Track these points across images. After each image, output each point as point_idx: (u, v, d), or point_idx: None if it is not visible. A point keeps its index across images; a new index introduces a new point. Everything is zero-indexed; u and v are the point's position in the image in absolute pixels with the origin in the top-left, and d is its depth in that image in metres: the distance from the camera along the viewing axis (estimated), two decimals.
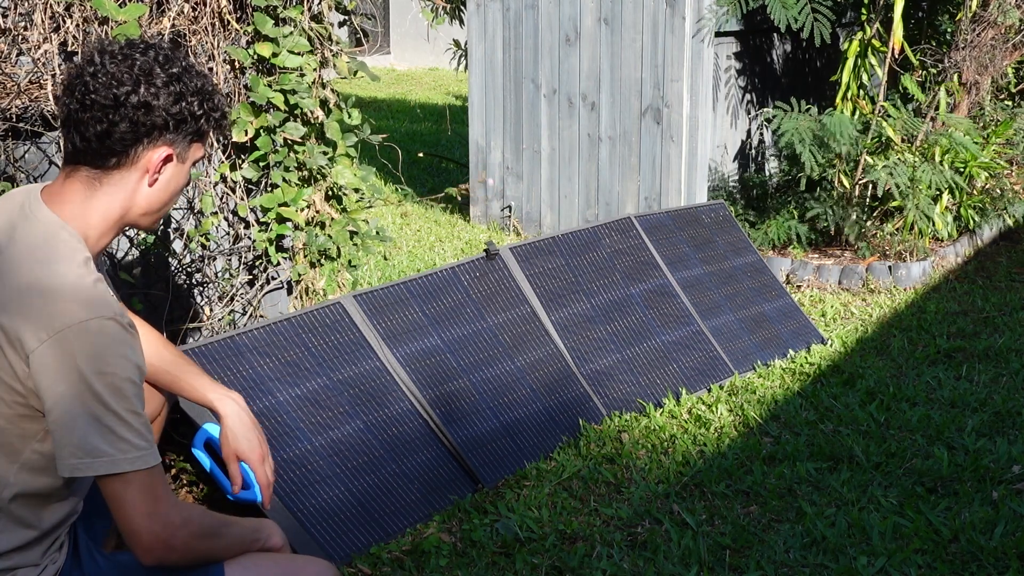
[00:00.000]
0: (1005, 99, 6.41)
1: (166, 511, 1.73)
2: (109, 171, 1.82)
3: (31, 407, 1.73)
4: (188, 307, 3.29)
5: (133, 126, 1.78)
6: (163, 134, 1.82)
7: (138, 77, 1.79)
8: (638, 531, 2.93)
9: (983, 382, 3.97)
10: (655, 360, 3.89)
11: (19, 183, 2.82)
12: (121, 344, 1.71)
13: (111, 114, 1.77)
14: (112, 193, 1.83)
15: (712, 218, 4.62)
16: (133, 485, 1.70)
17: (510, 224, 6.30)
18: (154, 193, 1.87)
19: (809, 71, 6.63)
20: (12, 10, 2.78)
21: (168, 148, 1.84)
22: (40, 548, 1.84)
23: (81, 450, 1.68)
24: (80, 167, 1.82)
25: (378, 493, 2.96)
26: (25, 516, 1.80)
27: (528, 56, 6.04)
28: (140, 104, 1.78)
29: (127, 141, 1.79)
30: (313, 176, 3.49)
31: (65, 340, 1.67)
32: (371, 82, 10.79)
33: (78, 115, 1.78)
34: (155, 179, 1.85)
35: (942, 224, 5.57)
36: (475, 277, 3.63)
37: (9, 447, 1.76)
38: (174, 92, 1.81)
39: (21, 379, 1.70)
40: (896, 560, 2.75)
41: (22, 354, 1.69)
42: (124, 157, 1.81)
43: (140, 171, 1.83)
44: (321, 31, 3.38)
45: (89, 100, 1.77)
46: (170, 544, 1.73)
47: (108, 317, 1.71)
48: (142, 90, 1.78)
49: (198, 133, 1.88)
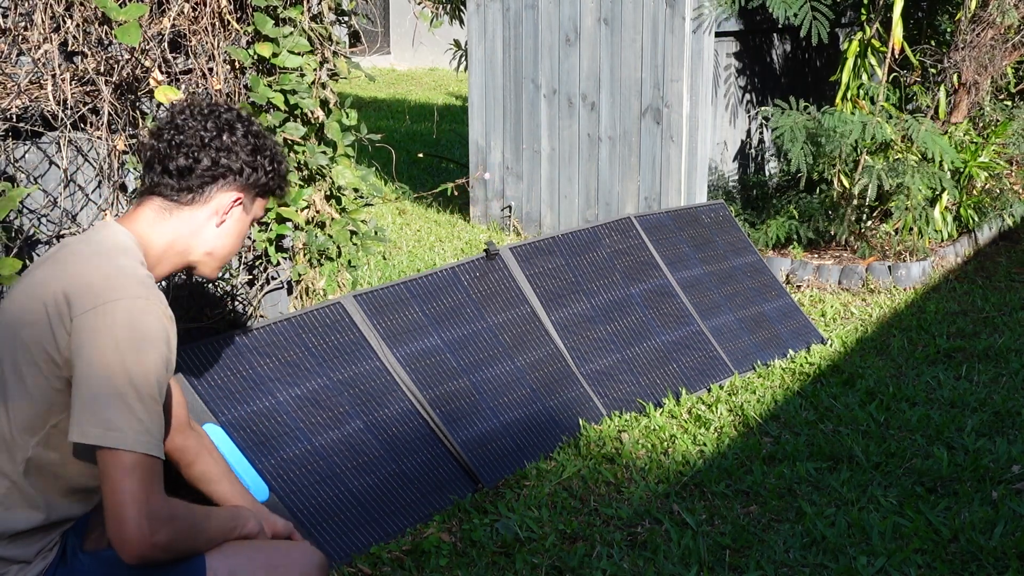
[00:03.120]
0: (1005, 99, 6.41)
1: (157, 505, 1.75)
2: (181, 206, 1.99)
3: (64, 379, 1.80)
4: (188, 307, 3.29)
5: (213, 165, 1.98)
6: (237, 179, 2.02)
7: (223, 127, 2.01)
8: (638, 531, 2.93)
9: (983, 382, 3.97)
10: (655, 360, 3.89)
11: (19, 183, 2.82)
12: (160, 331, 1.80)
13: (197, 152, 1.97)
14: (180, 225, 2.00)
15: (712, 218, 4.62)
16: (135, 471, 1.73)
17: (510, 224, 6.31)
18: (220, 235, 2.04)
19: (809, 71, 6.63)
20: (12, 10, 2.78)
21: (239, 193, 2.03)
22: (39, 543, 1.86)
23: (97, 418, 1.73)
24: (155, 198, 2.00)
25: (378, 493, 2.97)
26: (34, 496, 1.84)
27: (528, 56, 6.04)
28: (223, 147, 1.99)
29: (205, 179, 1.98)
30: (313, 176, 3.49)
31: (110, 310, 1.77)
32: (370, 82, 10.79)
33: (165, 152, 1.98)
34: (223, 220, 2.03)
35: (941, 224, 5.57)
36: (475, 277, 3.63)
37: (36, 420, 1.82)
38: (252, 144, 2.03)
39: (61, 349, 1.78)
40: (896, 560, 2.75)
41: (67, 321, 1.77)
42: (199, 194, 1.99)
43: (210, 211, 2.01)
44: (321, 31, 3.38)
45: (177, 140, 1.98)
46: (153, 540, 1.73)
47: (154, 301, 1.81)
48: (225, 136, 2.00)
49: (265, 188, 2.08)
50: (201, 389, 2.84)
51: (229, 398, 2.88)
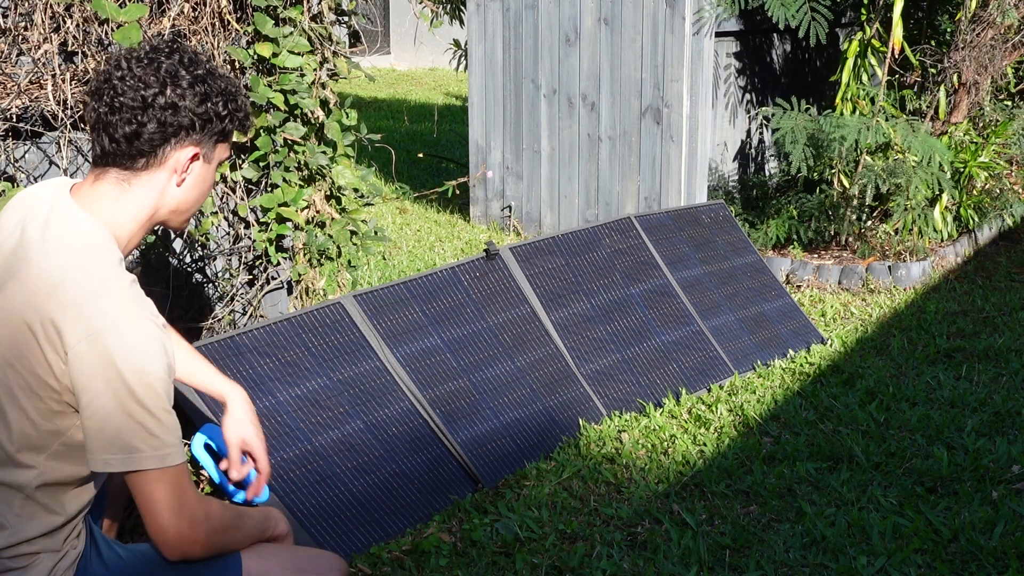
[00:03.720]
0: (1005, 99, 6.41)
1: (192, 507, 1.79)
2: (138, 172, 1.87)
3: (66, 403, 1.77)
4: (188, 307, 3.29)
5: (161, 127, 1.84)
6: (190, 134, 1.87)
7: (164, 79, 1.84)
8: (638, 531, 2.93)
9: (983, 382, 3.97)
10: (655, 360, 3.89)
11: (19, 183, 2.82)
12: (156, 343, 1.76)
13: (140, 115, 1.82)
14: (142, 194, 1.88)
15: (712, 218, 4.62)
16: (162, 482, 1.75)
17: (510, 224, 6.31)
18: (183, 192, 1.93)
19: (809, 71, 6.63)
20: (12, 10, 2.79)
21: (195, 148, 1.89)
22: (62, 534, 1.87)
23: (115, 446, 1.73)
24: (109, 169, 1.87)
25: (378, 493, 2.97)
26: (50, 503, 1.84)
27: (528, 56, 6.04)
28: (167, 105, 1.83)
29: (155, 142, 1.84)
30: (313, 176, 3.49)
31: (103, 339, 1.72)
32: (370, 82, 10.76)
33: (107, 118, 1.83)
34: (183, 179, 1.91)
35: (941, 224, 5.57)
36: (475, 277, 3.63)
37: (40, 440, 1.80)
38: (199, 93, 1.86)
39: (58, 376, 1.75)
40: (896, 560, 2.75)
41: (60, 352, 1.73)
42: (152, 157, 1.86)
43: (168, 171, 1.89)
44: (321, 31, 3.38)
45: (118, 103, 1.82)
46: (194, 538, 1.79)
47: (144, 317, 1.76)
48: (169, 91, 1.84)
49: (223, 133, 1.93)
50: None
51: None
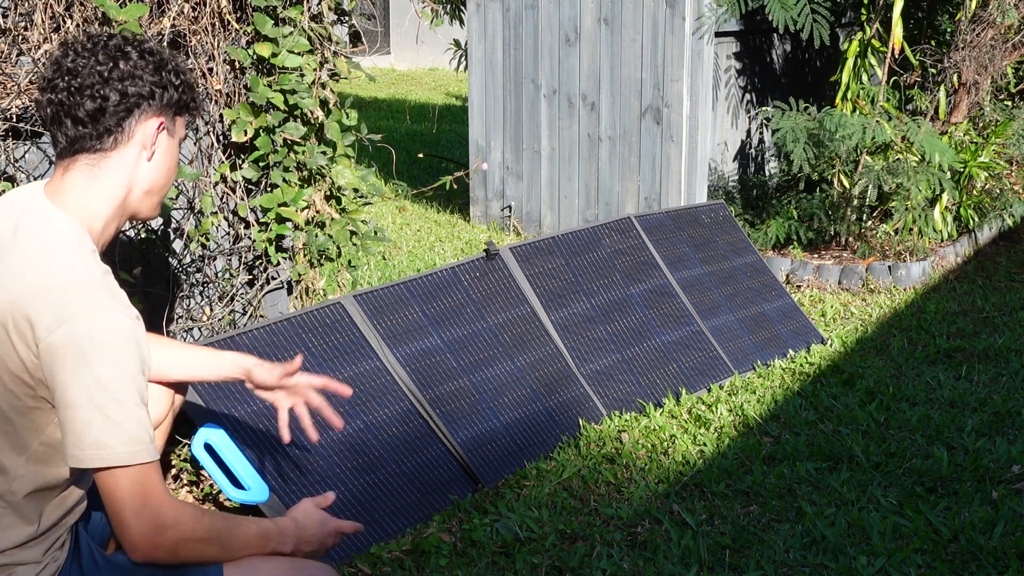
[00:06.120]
0: (1005, 99, 6.41)
1: (156, 509, 1.73)
2: (107, 153, 1.86)
3: (41, 398, 1.75)
4: (188, 307, 3.29)
5: (123, 97, 1.83)
6: (151, 103, 1.87)
7: (115, 55, 1.85)
8: (638, 531, 2.93)
9: (983, 382, 3.97)
10: (655, 360, 3.89)
11: (19, 183, 2.82)
12: (129, 336, 1.74)
13: (101, 89, 1.82)
14: (113, 176, 1.87)
15: (712, 218, 4.62)
16: (128, 479, 1.72)
17: (510, 224, 6.31)
18: (154, 169, 1.92)
19: (809, 71, 6.63)
20: (12, 10, 2.78)
21: (159, 117, 1.89)
22: (42, 546, 1.84)
23: (84, 440, 1.70)
24: (78, 157, 1.85)
25: (378, 493, 2.97)
26: (29, 512, 1.81)
27: (528, 56, 6.04)
28: (126, 75, 1.84)
29: (120, 115, 1.84)
30: (313, 176, 3.48)
31: (75, 331, 1.70)
32: (370, 82, 10.76)
33: (68, 101, 1.82)
34: (152, 152, 1.90)
35: (941, 224, 5.57)
36: (475, 277, 3.63)
37: (18, 439, 1.78)
38: (152, 62, 1.88)
39: (31, 370, 1.73)
40: (896, 560, 2.75)
41: (32, 345, 1.71)
42: (120, 133, 1.85)
43: (137, 146, 1.88)
44: (321, 31, 3.38)
45: (76, 84, 1.82)
46: (156, 542, 1.73)
47: (117, 309, 1.74)
48: (123, 64, 1.85)
49: (180, 104, 1.94)
50: (201, 389, 2.84)
51: (229, 398, 2.88)
